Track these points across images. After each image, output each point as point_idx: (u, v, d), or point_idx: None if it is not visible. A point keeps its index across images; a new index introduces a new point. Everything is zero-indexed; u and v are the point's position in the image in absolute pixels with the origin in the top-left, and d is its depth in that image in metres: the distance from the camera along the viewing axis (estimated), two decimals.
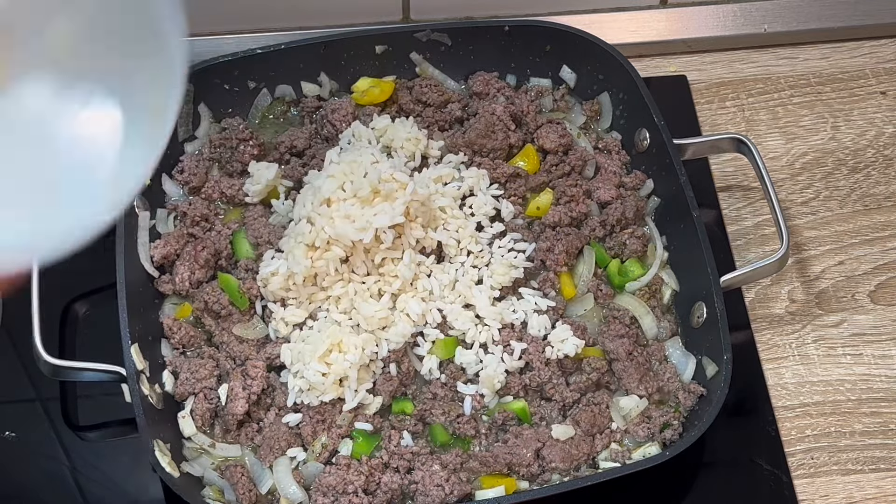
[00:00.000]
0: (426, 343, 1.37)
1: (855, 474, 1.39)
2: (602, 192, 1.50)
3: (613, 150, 1.55)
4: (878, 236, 1.58)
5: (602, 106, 1.59)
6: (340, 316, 1.35)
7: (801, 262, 1.56)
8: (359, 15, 1.69)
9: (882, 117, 1.70)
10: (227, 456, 1.31)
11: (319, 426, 1.31)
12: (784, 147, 1.67)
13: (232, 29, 1.70)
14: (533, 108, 1.57)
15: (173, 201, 1.50)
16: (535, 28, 1.59)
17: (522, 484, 1.30)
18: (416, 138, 1.49)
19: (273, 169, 1.47)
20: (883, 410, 1.44)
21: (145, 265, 1.41)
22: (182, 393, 1.34)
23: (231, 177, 1.51)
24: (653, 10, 1.76)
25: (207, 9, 1.66)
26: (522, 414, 1.34)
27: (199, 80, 1.52)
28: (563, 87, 1.61)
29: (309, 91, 1.59)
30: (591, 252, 1.45)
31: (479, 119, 1.53)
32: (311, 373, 1.29)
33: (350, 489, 1.25)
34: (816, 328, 1.50)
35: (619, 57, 1.54)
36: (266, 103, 1.59)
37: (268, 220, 1.46)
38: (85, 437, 1.40)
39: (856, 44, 1.77)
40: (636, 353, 1.38)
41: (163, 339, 1.39)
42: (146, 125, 0.72)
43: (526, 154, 1.53)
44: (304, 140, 1.54)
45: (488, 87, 1.59)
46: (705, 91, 1.72)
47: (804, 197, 1.62)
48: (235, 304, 1.39)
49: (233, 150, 1.51)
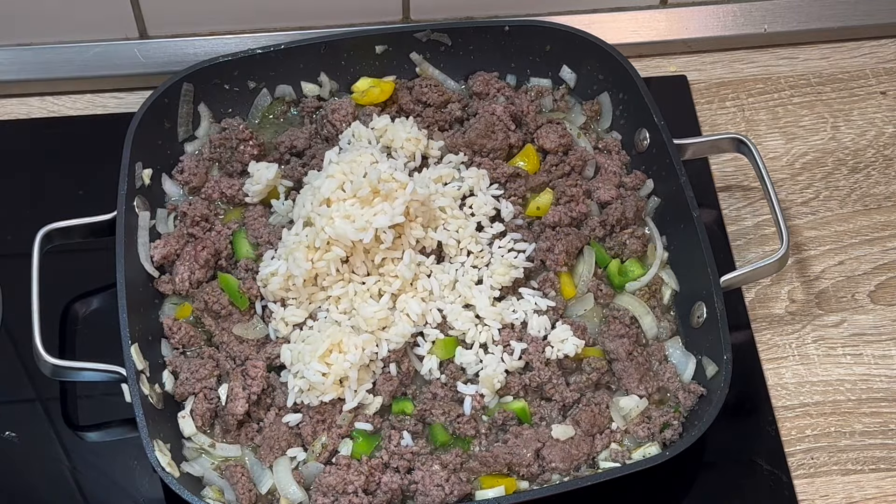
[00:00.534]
0: (426, 343, 1.37)
1: (855, 474, 1.39)
2: (602, 192, 1.50)
3: (613, 150, 1.56)
4: (878, 236, 1.58)
5: (602, 106, 1.59)
6: (340, 316, 1.35)
7: (801, 262, 1.56)
8: (359, 15, 1.69)
9: (882, 117, 1.70)
10: (227, 456, 1.31)
11: (319, 426, 1.31)
12: (784, 147, 1.67)
13: (232, 29, 1.70)
14: (533, 108, 1.57)
15: (173, 201, 1.50)
16: (535, 28, 1.59)
17: (522, 484, 1.30)
18: (416, 138, 1.49)
19: (273, 169, 1.47)
20: (883, 410, 1.44)
21: (145, 265, 1.41)
22: (182, 393, 1.34)
23: (231, 177, 1.51)
24: (653, 10, 1.76)
25: (207, 9, 1.66)
26: (522, 414, 1.34)
27: (199, 80, 1.52)
28: (563, 87, 1.61)
29: (309, 91, 1.59)
30: (591, 252, 1.45)
31: (479, 119, 1.53)
32: (311, 373, 1.29)
33: (350, 489, 1.25)
34: (816, 328, 1.50)
35: (619, 57, 1.54)
36: (266, 103, 1.59)
37: (268, 220, 1.46)
38: (85, 437, 1.40)
39: (856, 44, 1.77)
40: (636, 353, 1.38)
41: (163, 339, 1.39)
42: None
43: (526, 154, 1.53)
44: (304, 140, 1.54)
45: (488, 87, 1.59)
46: (705, 91, 1.72)
47: (804, 197, 1.62)
48: (235, 304, 1.39)
49: (233, 150, 1.51)
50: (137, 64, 1.68)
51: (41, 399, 1.43)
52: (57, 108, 1.68)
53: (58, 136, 1.64)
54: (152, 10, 1.65)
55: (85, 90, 1.69)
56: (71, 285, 1.48)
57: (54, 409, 1.41)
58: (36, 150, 1.63)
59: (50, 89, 1.68)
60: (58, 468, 1.37)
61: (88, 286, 1.49)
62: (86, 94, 1.69)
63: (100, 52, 1.68)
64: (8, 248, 1.53)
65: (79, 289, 1.49)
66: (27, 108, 1.68)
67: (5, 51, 1.67)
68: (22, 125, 1.66)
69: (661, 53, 1.75)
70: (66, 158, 1.62)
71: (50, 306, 1.37)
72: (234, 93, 1.57)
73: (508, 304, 1.40)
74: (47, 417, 1.41)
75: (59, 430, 1.39)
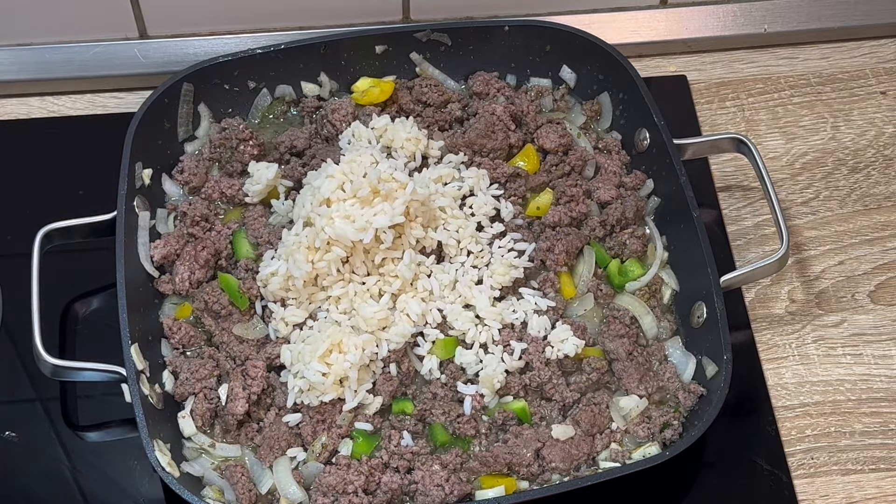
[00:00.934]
0: (426, 343, 1.37)
1: (855, 474, 1.39)
2: (602, 192, 1.50)
3: (613, 150, 1.56)
4: (878, 236, 1.58)
5: (602, 106, 1.59)
6: (340, 316, 1.35)
7: (801, 262, 1.56)
8: (359, 15, 1.69)
9: (882, 117, 1.70)
10: (227, 456, 1.31)
11: (319, 426, 1.31)
12: (784, 147, 1.67)
13: (232, 29, 1.70)
14: (533, 108, 1.57)
15: (173, 201, 1.50)
16: (535, 28, 1.59)
17: (522, 484, 1.30)
18: (416, 138, 1.49)
19: (273, 169, 1.47)
20: (883, 410, 1.44)
21: (145, 265, 1.41)
22: (182, 393, 1.34)
23: (231, 177, 1.51)
24: (653, 10, 1.76)
25: (207, 9, 1.66)
26: (522, 414, 1.34)
27: (199, 80, 1.52)
28: (563, 87, 1.61)
29: (309, 91, 1.59)
30: (592, 252, 1.45)
31: (479, 119, 1.53)
32: (311, 372, 1.29)
33: (350, 489, 1.25)
34: (816, 328, 1.50)
35: (619, 57, 1.54)
36: (266, 103, 1.59)
37: (268, 220, 1.46)
38: (85, 437, 1.40)
39: (856, 44, 1.77)
40: (636, 353, 1.38)
41: (163, 339, 1.39)
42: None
43: (526, 154, 1.53)
44: (304, 140, 1.54)
45: (488, 87, 1.59)
46: (705, 91, 1.72)
47: (804, 197, 1.62)
48: (235, 304, 1.39)
49: (233, 150, 1.51)
50: (137, 64, 1.68)
51: (41, 399, 1.43)
52: (57, 108, 1.68)
53: (58, 136, 1.64)
54: (152, 10, 1.65)
55: (85, 90, 1.69)
56: (71, 285, 1.48)
57: (54, 409, 1.41)
58: (36, 150, 1.63)
59: (50, 89, 1.68)
60: (58, 468, 1.37)
61: (88, 286, 1.49)
62: (86, 94, 1.69)
63: (100, 52, 1.68)
64: (8, 248, 1.53)
65: (79, 289, 1.49)
66: (27, 108, 1.68)
67: (5, 51, 1.67)
68: (22, 125, 1.66)
69: (661, 53, 1.75)
70: (66, 158, 1.62)
71: (50, 306, 1.37)
72: (234, 93, 1.57)
73: (508, 304, 1.40)
74: (47, 417, 1.41)
75: (59, 430, 1.39)
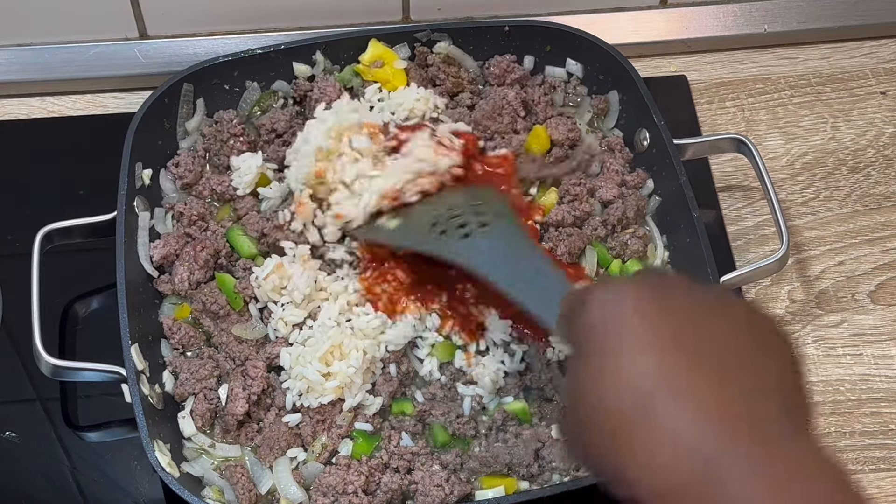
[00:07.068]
0: (425, 346, 1.36)
1: (855, 474, 1.38)
2: (605, 191, 1.49)
3: (616, 147, 1.55)
4: (878, 236, 1.58)
5: (610, 104, 1.58)
6: (339, 317, 1.35)
7: (801, 262, 1.56)
8: (359, 15, 1.69)
9: (882, 117, 1.70)
10: (227, 456, 1.31)
11: (319, 426, 1.31)
12: (784, 147, 1.67)
13: (232, 29, 1.70)
14: (545, 99, 1.56)
15: (169, 198, 1.49)
16: (535, 28, 1.59)
17: (522, 484, 1.30)
18: (424, 98, 1.50)
19: (258, 157, 1.47)
20: (883, 410, 1.44)
21: (145, 265, 1.41)
22: (182, 393, 1.34)
23: (220, 172, 1.50)
24: (653, 10, 1.76)
25: (207, 9, 1.66)
26: (522, 414, 1.33)
27: (200, 80, 1.52)
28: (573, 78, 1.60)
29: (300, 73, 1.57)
30: (593, 252, 1.45)
31: (487, 101, 1.52)
32: (312, 373, 1.29)
33: (350, 489, 1.25)
34: (816, 328, 1.50)
35: (619, 57, 1.54)
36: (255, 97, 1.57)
37: (259, 211, 1.45)
38: (85, 437, 1.40)
39: (856, 44, 1.77)
40: None
41: (163, 339, 1.39)
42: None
43: (536, 134, 1.52)
44: (284, 123, 1.51)
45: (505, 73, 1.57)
46: (705, 91, 1.72)
47: (804, 197, 1.62)
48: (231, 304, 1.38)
49: (222, 144, 1.50)
50: (137, 64, 1.68)
51: (41, 399, 1.43)
52: (57, 109, 1.68)
53: (58, 136, 1.64)
54: (152, 10, 1.65)
55: (85, 90, 1.69)
56: (71, 285, 1.48)
57: (54, 409, 1.41)
58: (36, 150, 1.63)
59: (50, 89, 1.68)
60: (58, 468, 1.37)
61: (88, 286, 1.49)
62: (86, 94, 1.69)
63: (100, 52, 1.68)
64: (8, 248, 1.53)
65: (79, 289, 1.49)
66: (27, 108, 1.68)
67: (5, 51, 1.67)
68: (22, 125, 1.66)
69: (661, 53, 1.75)
70: (66, 158, 1.62)
71: (50, 306, 1.37)
72: (234, 93, 1.56)
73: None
74: (47, 417, 1.41)
75: (59, 430, 1.39)
